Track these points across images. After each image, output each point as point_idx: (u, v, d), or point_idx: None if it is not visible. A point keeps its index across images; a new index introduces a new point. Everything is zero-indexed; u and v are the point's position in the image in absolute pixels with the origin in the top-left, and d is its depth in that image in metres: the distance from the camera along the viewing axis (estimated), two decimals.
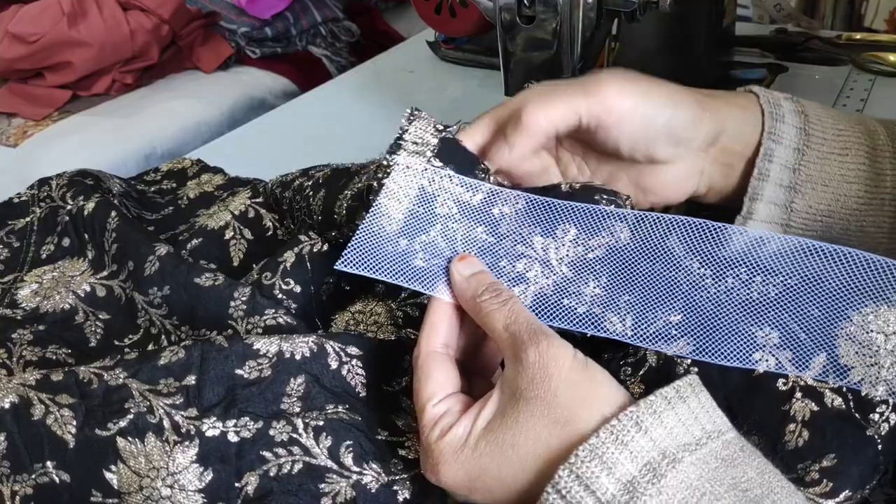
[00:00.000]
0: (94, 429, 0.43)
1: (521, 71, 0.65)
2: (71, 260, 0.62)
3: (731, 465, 0.34)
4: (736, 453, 0.34)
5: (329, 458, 0.43)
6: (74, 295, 0.58)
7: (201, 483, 0.42)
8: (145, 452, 0.42)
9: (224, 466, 0.42)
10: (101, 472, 0.42)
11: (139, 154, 1.06)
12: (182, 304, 0.54)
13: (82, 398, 0.44)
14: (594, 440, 0.34)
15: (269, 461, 0.43)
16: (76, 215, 0.63)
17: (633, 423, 0.34)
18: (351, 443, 0.43)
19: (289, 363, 0.45)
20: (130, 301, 0.57)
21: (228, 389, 0.44)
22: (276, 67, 1.31)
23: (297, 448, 0.43)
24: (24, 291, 0.59)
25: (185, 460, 0.42)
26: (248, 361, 0.45)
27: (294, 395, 0.44)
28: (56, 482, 0.43)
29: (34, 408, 0.44)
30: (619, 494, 0.33)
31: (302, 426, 0.43)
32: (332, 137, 0.87)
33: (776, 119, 0.48)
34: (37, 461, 0.43)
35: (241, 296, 0.51)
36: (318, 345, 0.46)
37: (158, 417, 0.43)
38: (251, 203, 0.63)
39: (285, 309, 0.51)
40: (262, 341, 0.46)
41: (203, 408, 0.44)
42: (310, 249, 0.54)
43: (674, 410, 0.35)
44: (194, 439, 0.43)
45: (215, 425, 0.43)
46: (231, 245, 0.61)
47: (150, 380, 0.45)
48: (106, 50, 1.13)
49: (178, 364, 0.45)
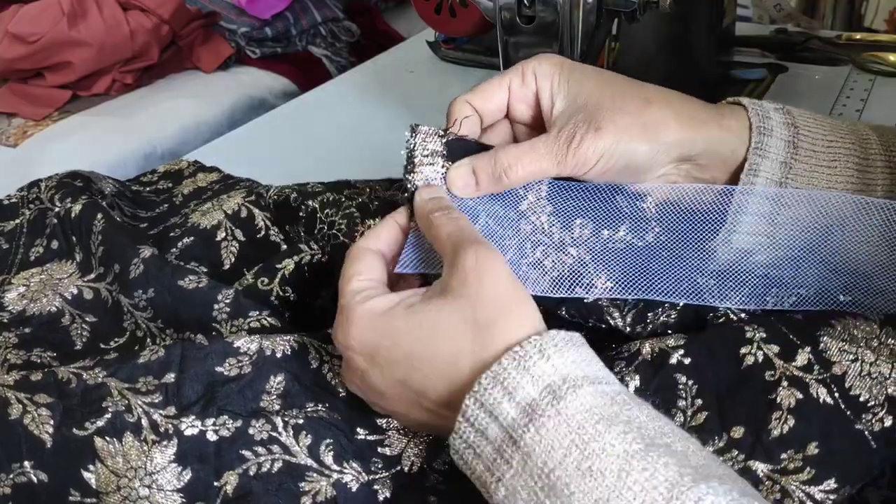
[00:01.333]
0: (71, 428, 0.43)
1: None
2: (59, 262, 0.61)
3: (627, 407, 0.34)
4: (631, 401, 0.35)
5: (309, 457, 0.43)
6: (61, 298, 0.58)
7: (180, 483, 0.42)
8: (123, 452, 0.42)
9: (203, 466, 0.42)
10: (79, 472, 0.42)
11: (139, 154, 1.06)
12: (166, 307, 0.53)
13: (60, 397, 0.44)
14: (496, 367, 0.35)
15: (249, 460, 0.42)
16: (64, 217, 0.62)
17: (537, 349, 0.35)
18: (331, 441, 0.43)
19: (269, 361, 0.45)
20: (117, 304, 0.56)
21: (208, 387, 0.44)
22: (276, 67, 1.31)
23: (276, 447, 0.43)
24: (11, 294, 0.59)
25: (163, 460, 0.42)
26: (228, 359, 0.45)
27: (274, 393, 0.45)
28: (34, 482, 0.42)
29: (11, 407, 0.43)
30: (519, 418, 0.33)
31: (281, 424, 0.43)
32: (332, 137, 0.87)
33: (763, 133, 0.47)
34: (14, 461, 0.42)
35: (224, 298, 0.51)
36: (300, 343, 0.46)
37: (136, 416, 0.43)
38: (244, 202, 0.63)
39: (270, 310, 0.51)
40: (243, 339, 0.46)
41: (182, 406, 0.43)
42: (309, 259, 0.54)
43: (576, 348, 0.36)
44: (172, 438, 0.42)
45: (194, 424, 0.43)
46: (223, 247, 0.60)
47: (129, 378, 0.44)
48: (106, 50, 1.13)
49: (158, 362, 0.45)
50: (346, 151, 0.83)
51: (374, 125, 0.89)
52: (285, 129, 0.92)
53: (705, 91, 0.51)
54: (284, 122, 0.95)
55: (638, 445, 0.32)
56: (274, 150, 0.83)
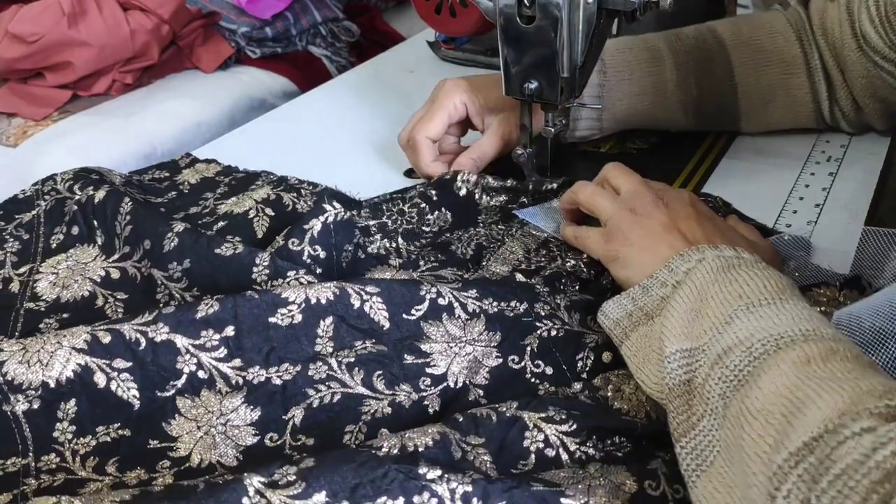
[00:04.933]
0: (153, 390, 0.48)
1: (521, 71, 0.65)
2: (82, 247, 0.64)
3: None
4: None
5: (363, 387, 0.49)
6: (91, 281, 0.61)
7: (251, 418, 0.48)
8: (201, 404, 0.48)
9: (271, 404, 0.48)
10: (160, 426, 0.47)
11: (139, 154, 1.06)
12: (204, 276, 0.58)
13: (135, 360, 0.48)
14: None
15: (311, 396, 0.49)
16: (86, 204, 0.66)
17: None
18: (381, 372, 0.49)
19: (316, 307, 0.51)
20: (147, 279, 0.60)
21: (265, 339, 0.50)
22: (276, 67, 1.30)
23: (334, 383, 0.49)
24: (43, 283, 0.62)
25: (236, 402, 0.48)
26: (279, 309, 0.50)
27: (325, 336, 0.50)
28: (117, 438, 0.47)
29: (96, 375, 0.47)
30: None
31: (336, 365, 0.50)
32: (332, 137, 0.87)
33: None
34: (101, 424, 0.47)
35: (262, 261, 0.56)
36: (340, 288, 0.51)
37: (209, 373, 0.49)
38: (273, 191, 0.69)
39: (306, 268, 0.57)
40: (289, 291, 0.51)
41: (246, 358, 0.49)
42: (333, 218, 0.59)
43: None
44: (242, 388, 0.48)
45: (259, 373, 0.49)
46: (255, 222, 0.66)
47: (191, 334, 0.49)
48: (106, 50, 1.13)
49: (215, 316, 0.50)
50: (346, 151, 0.83)
51: (374, 125, 0.88)
52: (285, 129, 0.92)
53: None
54: (284, 122, 0.95)
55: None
56: (274, 150, 0.83)
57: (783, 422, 0.35)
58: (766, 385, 0.37)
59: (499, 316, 0.52)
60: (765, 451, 0.34)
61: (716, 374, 0.40)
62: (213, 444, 0.47)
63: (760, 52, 0.74)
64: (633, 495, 0.41)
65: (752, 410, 0.36)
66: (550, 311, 0.53)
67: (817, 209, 0.68)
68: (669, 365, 0.43)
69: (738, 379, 0.39)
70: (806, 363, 0.37)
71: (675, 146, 0.79)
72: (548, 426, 0.45)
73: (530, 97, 0.65)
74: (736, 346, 0.40)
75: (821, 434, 0.33)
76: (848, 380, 0.35)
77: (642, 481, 0.42)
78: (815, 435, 0.33)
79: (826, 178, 0.72)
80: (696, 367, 0.42)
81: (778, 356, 0.38)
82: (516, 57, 0.64)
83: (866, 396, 0.33)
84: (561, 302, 0.54)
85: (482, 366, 0.50)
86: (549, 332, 0.52)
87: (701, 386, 0.41)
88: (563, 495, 0.40)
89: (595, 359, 0.51)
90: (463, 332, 0.52)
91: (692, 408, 0.41)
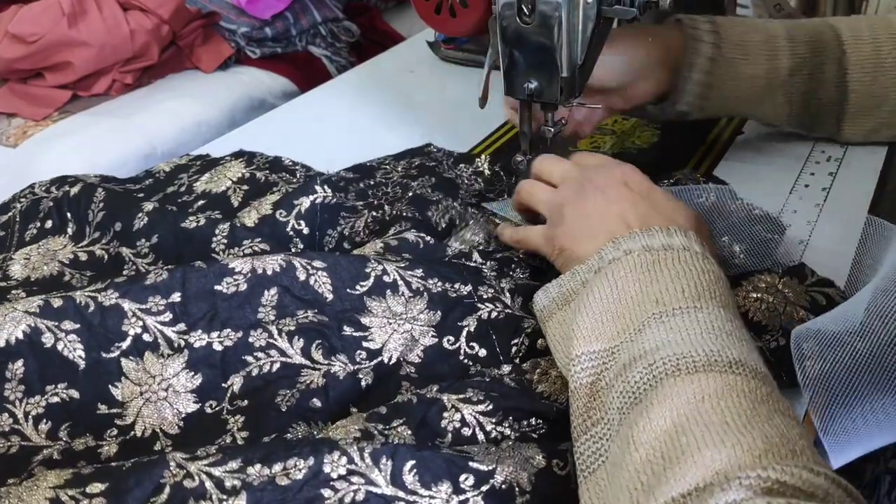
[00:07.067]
0: (99, 351, 0.49)
1: (521, 71, 0.65)
2: (53, 238, 0.67)
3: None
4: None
5: (302, 356, 0.50)
6: (60, 263, 0.63)
7: (192, 385, 0.49)
8: (144, 367, 0.49)
9: (212, 371, 0.49)
10: (107, 388, 0.49)
11: (139, 154, 1.06)
12: (169, 248, 0.60)
13: (83, 322, 0.49)
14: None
15: (251, 364, 0.50)
16: (61, 199, 0.68)
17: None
18: (320, 341, 0.50)
19: (262, 277, 0.52)
20: (115, 258, 0.62)
21: (211, 305, 0.51)
22: (276, 67, 1.30)
23: (274, 351, 0.50)
24: (15, 267, 0.64)
25: (177, 368, 0.49)
26: (225, 278, 0.52)
27: (269, 305, 0.52)
28: (67, 400, 0.48)
29: (44, 335, 0.49)
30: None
31: (276, 332, 0.51)
32: (332, 137, 0.87)
33: (696, 39, 0.69)
34: (49, 383, 0.48)
35: (220, 232, 0.59)
36: (287, 261, 0.53)
37: (153, 336, 0.50)
38: (246, 169, 0.72)
39: (261, 237, 0.59)
40: (237, 261, 0.53)
41: (190, 322, 0.51)
42: (322, 200, 0.62)
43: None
44: (184, 351, 0.50)
45: (202, 337, 0.50)
46: (231, 194, 0.70)
47: (139, 299, 0.51)
48: (106, 50, 1.13)
49: (163, 283, 0.51)
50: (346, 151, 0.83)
51: (374, 125, 0.88)
52: (285, 129, 0.92)
53: None
54: (284, 122, 0.95)
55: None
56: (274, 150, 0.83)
57: (660, 466, 0.35)
58: (656, 417, 0.37)
59: (441, 296, 0.53)
60: (636, 489, 0.35)
61: (618, 387, 0.41)
62: (155, 410, 0.48)
63: (877, 55, 0.71)
64: (540, 470, 0.42)
65: (637, 442, 0.37)
66: (494, 295, 0.54)
67: (817, 209, 0.68)
68: (574, 367, 0.44)
69: (636, 395, 0.39)
70: (700, 401, 0.37)
71: (676, 146, 0.79)
72: (465, 406, 0.46)
73: (530, 97, 0.65)
74: (641, 358, 0.41)
75: (689, 492, 0.33)
76: (732, 431, 0.35)
77: (551, 459, 0.43)
78: (684, 492, 0.33)
79: (826, 178, 0.72)
80: (603, 369, 0.43)
81: (675, 383, 0.38)
82: (516, 56, 0.64)
83: (745, 456, 0.33)
84: (506, 285, 0.56)
85: (418, 344, 0.52)
86: (489, 315, 0.53)
87: (604, 391, 0.42)
88: (472, 460, 0.41)
89: (530, 344, 0.52)
90: (405, 308, 0.53)
91: (590, 411, 0.42)
